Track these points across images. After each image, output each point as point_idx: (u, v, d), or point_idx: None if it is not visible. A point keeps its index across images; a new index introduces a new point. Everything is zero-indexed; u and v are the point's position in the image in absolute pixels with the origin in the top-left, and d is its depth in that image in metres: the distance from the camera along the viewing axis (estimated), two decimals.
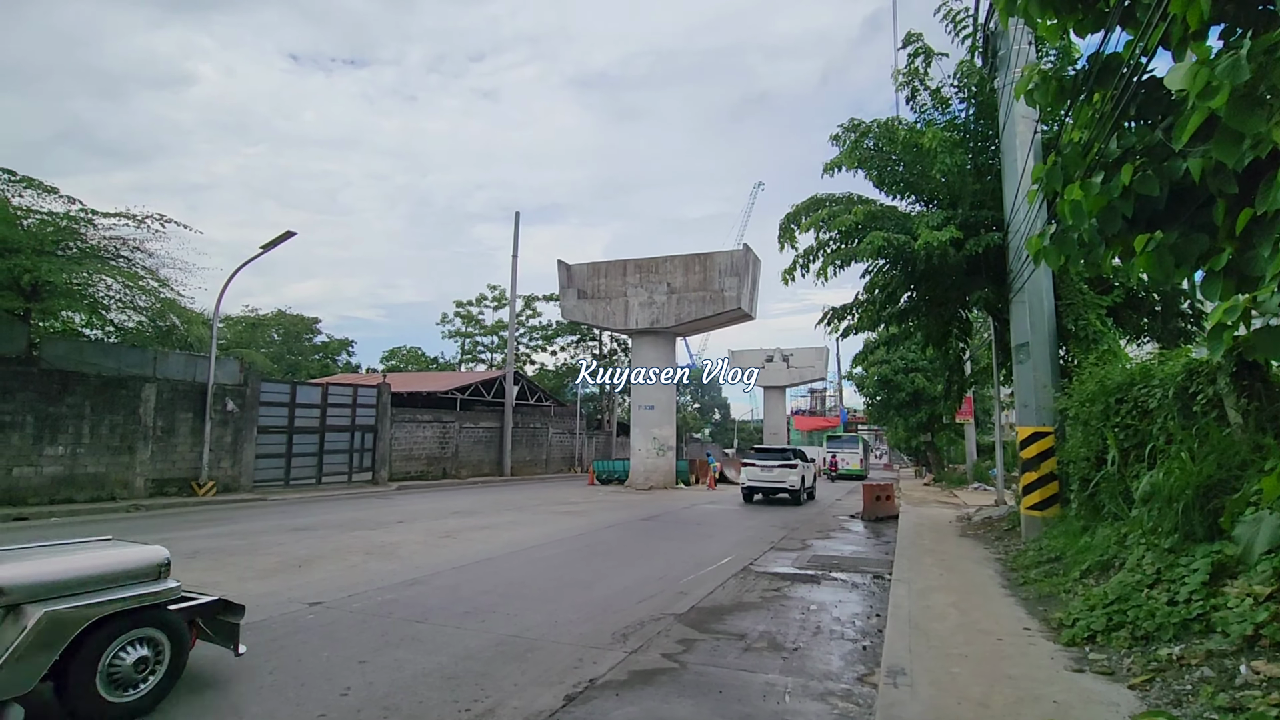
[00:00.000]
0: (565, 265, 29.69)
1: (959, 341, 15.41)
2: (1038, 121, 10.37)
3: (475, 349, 55.32)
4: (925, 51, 12.24)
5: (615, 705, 4.40)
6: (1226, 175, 3.57)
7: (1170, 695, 3.79)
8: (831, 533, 14.07)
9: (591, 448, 41.79)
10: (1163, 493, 5.65)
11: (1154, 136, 4.22)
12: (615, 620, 6.51)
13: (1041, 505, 9.66)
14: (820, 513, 18.53)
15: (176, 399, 18.38)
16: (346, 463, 24.29)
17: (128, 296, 18.94)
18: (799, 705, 4.45)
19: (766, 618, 6.79)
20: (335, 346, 54.20)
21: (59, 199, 17.09)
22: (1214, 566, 4.74)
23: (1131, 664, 4.34)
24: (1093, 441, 8.03)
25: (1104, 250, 4.48)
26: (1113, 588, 5.37)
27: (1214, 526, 5.11)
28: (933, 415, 33.64)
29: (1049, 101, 5.14)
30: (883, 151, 12.73)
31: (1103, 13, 4.65)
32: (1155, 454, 6.39)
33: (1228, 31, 3.46)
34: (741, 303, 26.72)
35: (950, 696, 3.99)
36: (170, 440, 18.13)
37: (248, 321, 46.77)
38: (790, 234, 12.81)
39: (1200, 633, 4.32)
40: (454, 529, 13.01)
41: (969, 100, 12.45)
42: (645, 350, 28.63)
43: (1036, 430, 9.88)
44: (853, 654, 5.63)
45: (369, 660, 5.21)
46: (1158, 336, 11.98)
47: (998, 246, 10.88)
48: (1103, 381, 7.97)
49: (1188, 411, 6.10)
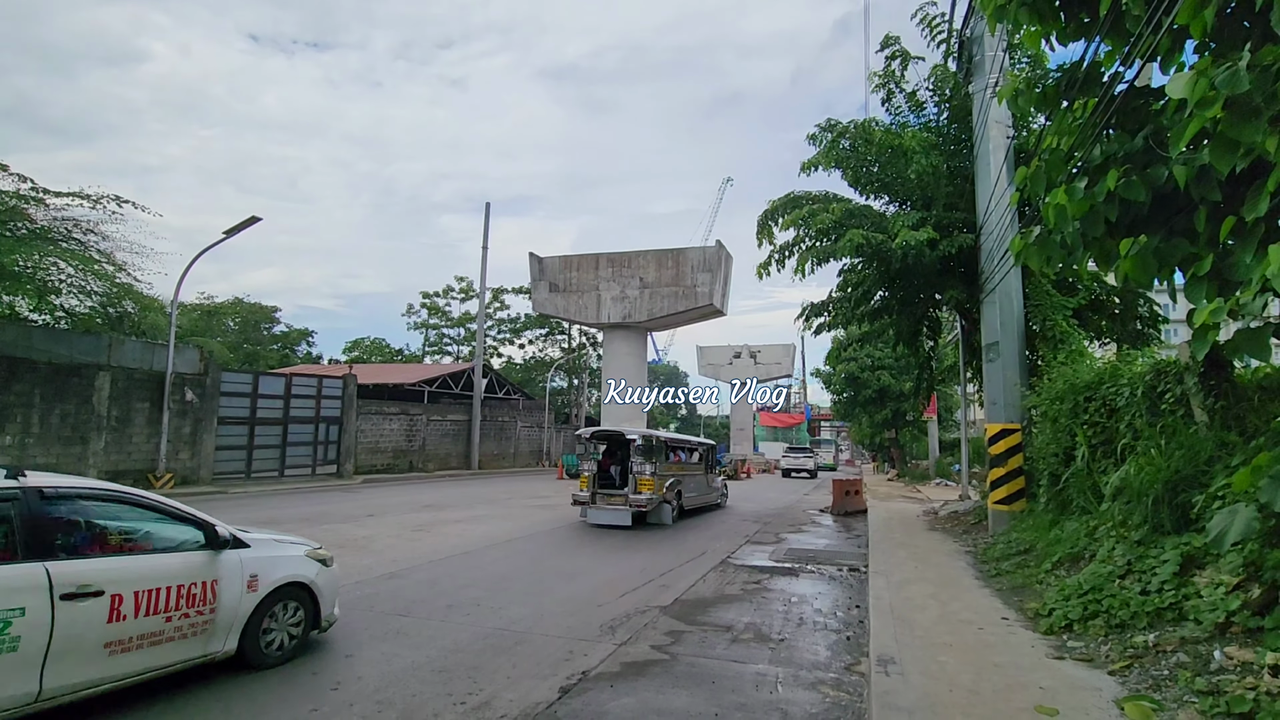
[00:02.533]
0: (537, 258, 29.49)
1: (929, 340, 15.77)
2: (1010, 127, 10.67)
3: (442, 341, 54.65)
4: (902, 55, 12.47)
5: (611, 697, 4.41)
6: (1211, 182, 3.73)
7: (1149, 680, 3.96)
8: (803, 527, 14.29)
9: (560, 442, 41.63)
10: (1132, 487, 5.88)
11: (1135, 144, 4.38)
12: (601, 613, 6.51)
13: (1009, 500, 9.97)
14: (790, 507, 18.80)
15: (132, 388, 17.72)
16: (310, 455, 23.74)
17: (80, 280, 18.14)
18: (792, 694, 4.52)
19: (750, 610, 6.87)
20: (295, 336, 52.89)
21: (8, 177, 16.28)
22: (1183, 557, 4.96)
23: (1109, 651, 4.52)
24: (1061, 438, 8.31)
25: (1083, 253, 4.64)
26: (1086, 578, 5.57)
27: (1182, 519, 5.35)
28: (897, 412, 34.41)
29: (1031, 107, 5.29)
30: (859, 152, 12.93)
31: (1083, 22, 4.80)
32: (1123, 451, 6.65)
33: (1222, 46, 3.59)
34: (714, 299, 26.91)
35: (941, 684, 4.10)
36: (125, 431, 17.47)
37: (203, 309, 45.30)
38: (768, 230, 12.95)
39: (1173, 620, 4.52)
40: (427, 522, 12.84)
41: (943, 104, 12.73)
42: (617, 345, 28.64)
43: (1005, 427, 10.18)
44: (838, 644, 5.74)
45: (355, 655, 5.12)
46: (1117, 337, 12.44)
47: (970, 248, 11.17)
48: (1072, 380, 8.25)
49: (1155, 409, 6.36)
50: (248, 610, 4.68)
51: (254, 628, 4.73)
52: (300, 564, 5.20)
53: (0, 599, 3.43)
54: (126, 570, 4.04)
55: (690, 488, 15.39)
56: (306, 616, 5.14)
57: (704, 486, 16.71)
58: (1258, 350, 3.53)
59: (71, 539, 3.93)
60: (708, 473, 17.35)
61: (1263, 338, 3.56)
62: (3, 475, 3.80)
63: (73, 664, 3.68)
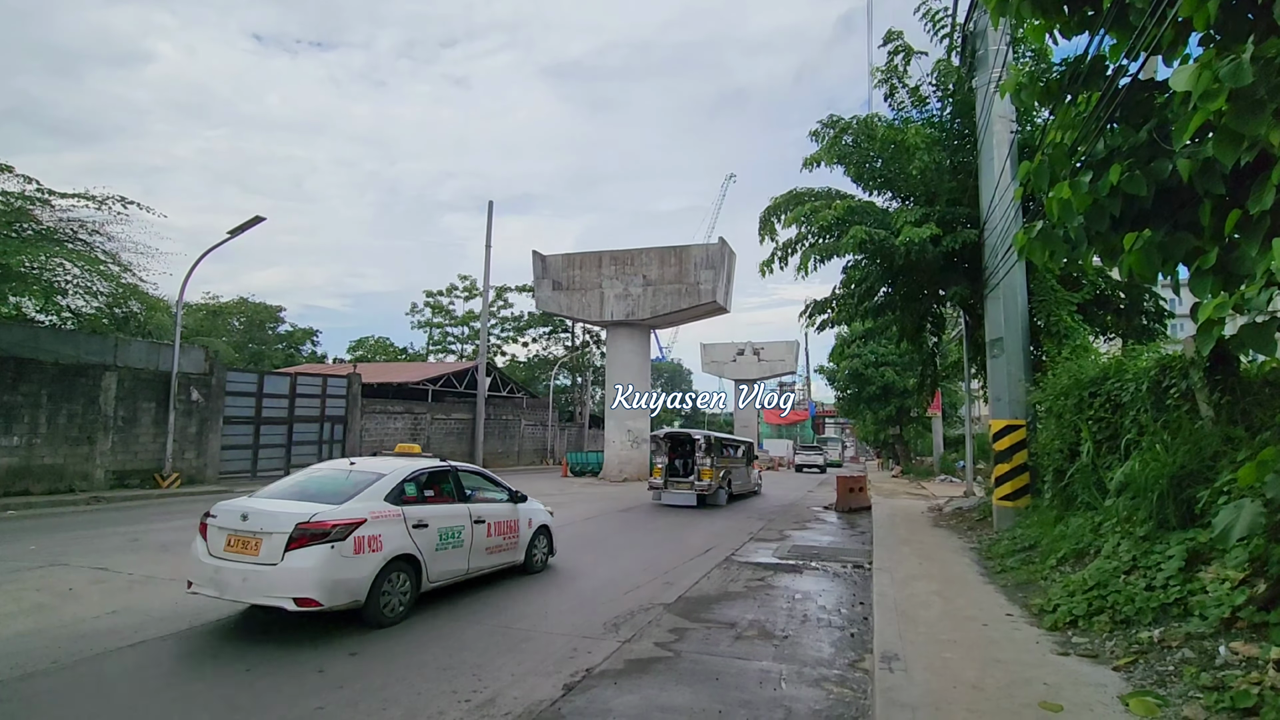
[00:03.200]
0: (540, 256, 29.48)
1: (932, 336, 15.73)
2: (1013, 121, 10.62)
3: (445, 339, 54.67)
4: (905, 50, 12.41)
5: (615, 694, 4.42)
6: (1214, 176, 3.70)
7: (1154, 676, 3.94)
8: (808, 524, 14.28)
9: (564, 440, 41.67)
10: (1137, 482, 5.85)
11: (1139, 137, 4.35)
12: (605, 610, 6.52)
13: (1013, 496, 9.94)
14: (794, 504, 18.79)
15: (138, 388, 17.79)
16: (315, 454, 23.78)
17: (86, 281, 18.20)
18: (795, 691, 4.52)
19: (754, 607, 6.88)
20: (300, 336, 53.01)
21: (14, 178, 16.34)
22: (1189, 553, 4.93)
23: (1114, 647, 4.50)
24: (1066, 434, 8.27)
25: (1087, 248, 4.61)
26: (1091, 574, 5.55)
27: (1188, 515, 5.32)
28: (902, 409, 34.33)
29: (1034, 101, 5.27)
30: (861, 148, 12.88)
31: (1087, 15, 4.78)
32: (1128, 446, 6.62)
33: (1226, 39, 3.57)
34: (717, 296, 26.85)
35: (945, 680, 4.10)
36: (132, 431, 17.54)
37: (208, 309, 45.46)
38: (771, 227, 12.93)
39: (1178, 616, 4.51)
40: None
41: (946, 99, 12.66)
42: (620, 342, 28.62)
43: (1010, 423, 10.15)
44: (842, 641, 5.74)
45: (359, 652, 5.14)
46: (1122, 333, 12.39)
47: (974, 243, 11.13)
48: (1076, 376, 8.21)
49: (1160, 405, 6.32)
50: (528, 538, 8.01)
51: (529, 549, 8.03)
52: (545, 515, 8.54)
53: (457, 521, 6.77)
54: (491, 510, 7.43)
55: (737, 477, 19.01)
56: (550, 547, 8.61)
57: (745, 477, 20.33)
58: (1263, 345, 3.51)
59: (470, 492, 7.36)
60: (748, 465, 20.88)
61: (1268, 332, 3.54)
62: (438, 460, 7.23)
63: (476, 556, 7.04)
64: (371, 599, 5.66)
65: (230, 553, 5.49)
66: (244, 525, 5.52)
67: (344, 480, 6.30)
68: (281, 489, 6.49)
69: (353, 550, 5.54)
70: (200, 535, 5.75)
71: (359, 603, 5.58)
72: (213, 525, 5.67)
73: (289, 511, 5.56)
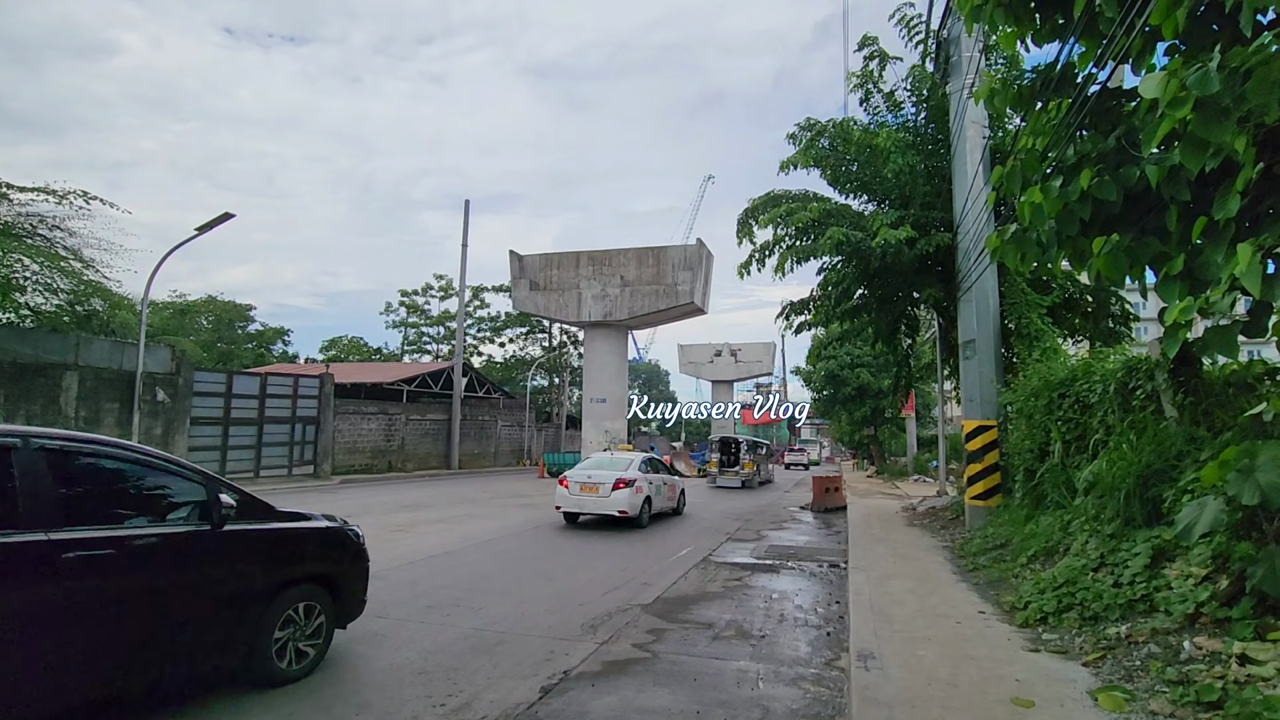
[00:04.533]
0: (517, 256, 29.31)
1: (907, 338, 15.93)
2: (986, 127, 10.81)
3: (421, 339, 54.13)
4: (880, 55, 12.56)
5: (592, 696, 4.39)
6: (1181, 182, 3.79)
7: (1121, 671, 4.03)
8: (784, 524, 14.37)
9: (540, 440, 41.45)
10: (1105, 481, 5.99)
11: (1108, 144, 4.44)
12: (583, 612, 6.49)
13: (985, 495, 10.10)
14: (771, 504, 18.91)
15: (101, 388, 17.32)
16: (286, 456, 23.39)
17: (45, 278, 17.65)
18: (773, 690, 4.54)
19: (731, 607, 6.89)
20: (270, 335, 52.07)
21: None
22: (1154, 550, 5.05)
23: (1083, 643, 4.59)
24: (1036, 434, 8.44)
25: (1057, 251, 4.71)
26: (1060, 572, 5.66)
27: (1153, 513, 5.45)
28: (876, 409, 34.73)
29: (1007, 107, 5.36)
30: (837, 151, 13.02)
31: (1058, 23, 4.88)
32: (1096, 446, 6.77)
33: (1192, 48, 3.65)
34: (694, 297, 26.94)
35: (920, 677, 4.14)
36: (94, 432, 17.04)
37: (175, 308, 44.43)
38: (749, 229, 13.00)
39: (1144, 612, 4.61)
40: (406, 523, 12.71)
41: (921, 104, 12.85)
42: (598, 343, 28.57)
43: (981, 424, 10.32)
44: (818, 640, 5.77)
45: (330, 657, 5.04)
46: (1089, 335, 12.68)
47: (947, 247, 11.29)
48: (1046, 377, 8.38)
49: (1127, 406, 6.48)
50: (678, 496, 15.13)
51: (679, 505, 15.18)
52: (682, 484, 15.75)
53: (657, 483, 13.82)
54: (666, 479, 14.55)
55: (763, 470, 27.20)
56: (681, 504, 15.34)
57: (767, 470, 29.31)
58: (1227, 348, 3.61)
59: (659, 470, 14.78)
60: (769, 461, 30.88)
61: (1232, 335, 3.64)
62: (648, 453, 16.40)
63: (658, 502, 13.75)
64: (641, 514, 12.57)
65: (584, 493, 12.52)
66: (589, 480, 12.59)
67: (617, 462, 13.41)
68: (590, 465, 13.63)
69: (635, 491, 12.42)
70: (560, 485, 12.90)
71: (636, 515, 12.40)
72: (571, 481, 12.77)
73: (610, 474, 12.59)
